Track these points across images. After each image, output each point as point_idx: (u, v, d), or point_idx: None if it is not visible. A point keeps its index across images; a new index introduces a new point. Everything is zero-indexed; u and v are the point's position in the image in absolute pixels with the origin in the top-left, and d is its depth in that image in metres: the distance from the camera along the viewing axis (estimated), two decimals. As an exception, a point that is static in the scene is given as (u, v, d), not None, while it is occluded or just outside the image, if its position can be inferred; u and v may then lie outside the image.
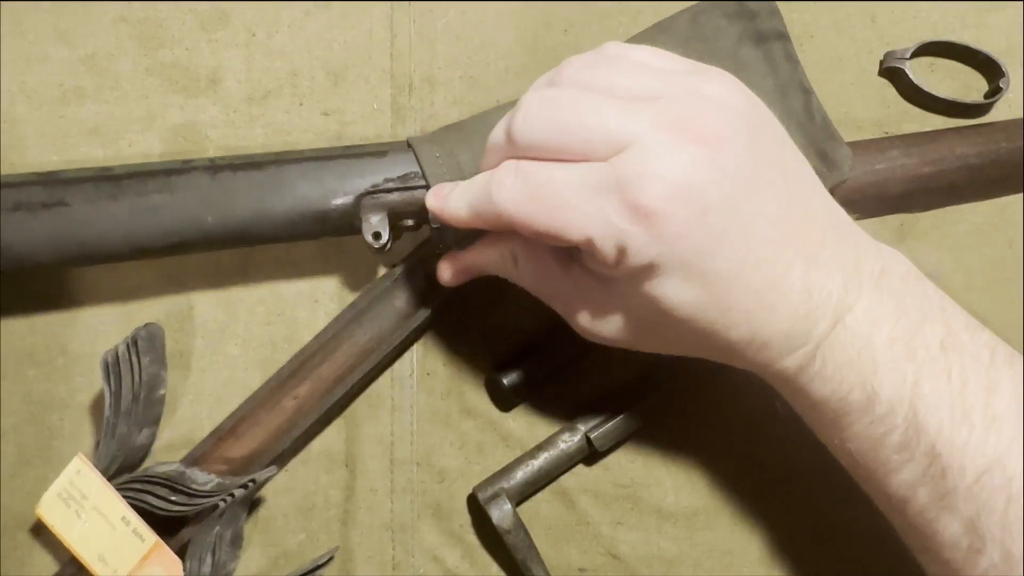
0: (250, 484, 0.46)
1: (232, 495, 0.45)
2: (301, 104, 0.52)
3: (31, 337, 0.51)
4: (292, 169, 0.45)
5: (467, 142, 0.46)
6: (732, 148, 0.34)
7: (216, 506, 0.45)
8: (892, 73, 0.53)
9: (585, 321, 0.41)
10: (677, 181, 0.33)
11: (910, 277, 0.38)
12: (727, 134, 0.34)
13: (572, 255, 0.39)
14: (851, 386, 0.37)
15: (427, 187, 0.45)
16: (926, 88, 0.52)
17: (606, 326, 0.40)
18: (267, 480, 0.47)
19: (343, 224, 0.46)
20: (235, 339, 0.51)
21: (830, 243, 0.37)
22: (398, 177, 0.45)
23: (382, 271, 0.51)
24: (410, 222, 0.47)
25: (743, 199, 0.35)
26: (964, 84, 0.54)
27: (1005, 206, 0.52)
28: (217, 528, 0.46)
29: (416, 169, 0.46)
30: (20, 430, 0.50)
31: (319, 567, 0.48)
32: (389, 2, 0.53)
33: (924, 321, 0.37)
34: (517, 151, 0.37)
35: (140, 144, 0.52)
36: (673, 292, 0.36)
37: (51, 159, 0.51)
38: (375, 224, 0.45)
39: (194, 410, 0.50)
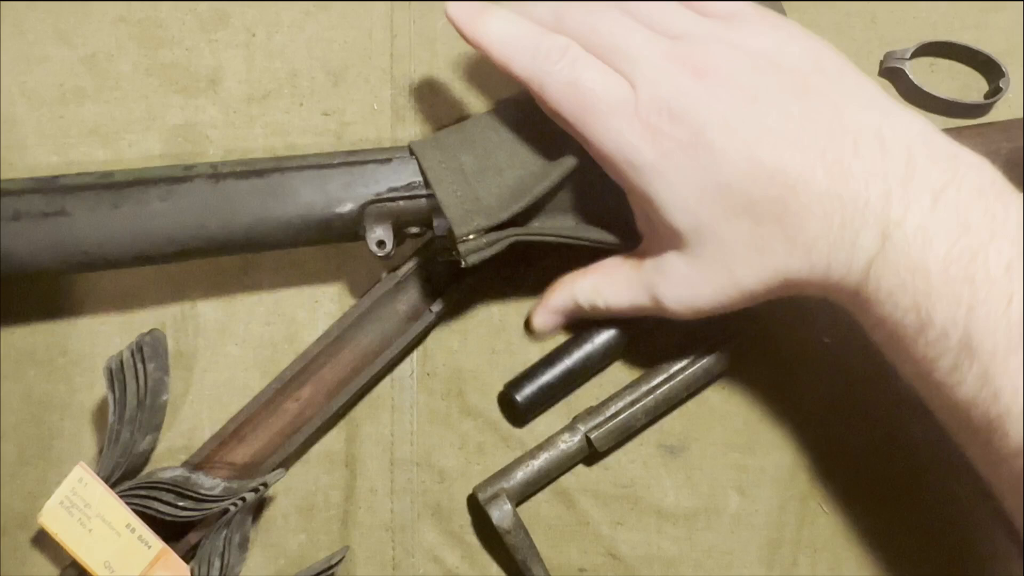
0: (261, 488, 0.46)
1: (244, 499, 0.45)
2: (301, 104, 0.52)
3: (31, 337, 0.51)
4: (295, 176, 0.45)
5: (469, 145, 0.45)
6: (727, 78, 0.40)
7: (227, 510, 0.45)
8: (892, 73, 0.53)
9: (674, 298, 0.43)
10: (672, 104, 0.40)
11: (988, 190, 0.38)
12: (724, 68, 0.40)
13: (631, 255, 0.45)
14: (905, 310, 0.37)
15: (430, 195, 0.45)
16: (926, 88, 0.52)
17: (688, 290, 0.43)
18: (275, 482, 0.47)
19: (347, 232, 0.46)
20: (235, 339, 0.51)
21: (868, 155, 0.38)
22: (403, 186, 0.45)
23: (383, 273, 0.51)
24: (415, 230, 0.47)
25: (740, 119, 0.39)
26: (964, 84, 0.54)
27: (1005, 206, 0.52)
28: (226, 532, 0.46)
29: (419, 179, 0.45)
30: (20, 430, 0.50)
31: (331, 567, 0.48)
32: (389, 2, 0.53)
33: (992, 240, 0.36)
34: (554, 27, 0.43)
35: (140, 144, 0.52)
36: (697, 204, 0.40)
37: (51, 159, 0.51)
38: (379, 233, 0.45)
39: (194, 411, 0.50)
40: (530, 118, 0.45)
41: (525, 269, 0.51)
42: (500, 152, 0.45)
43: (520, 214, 0.44)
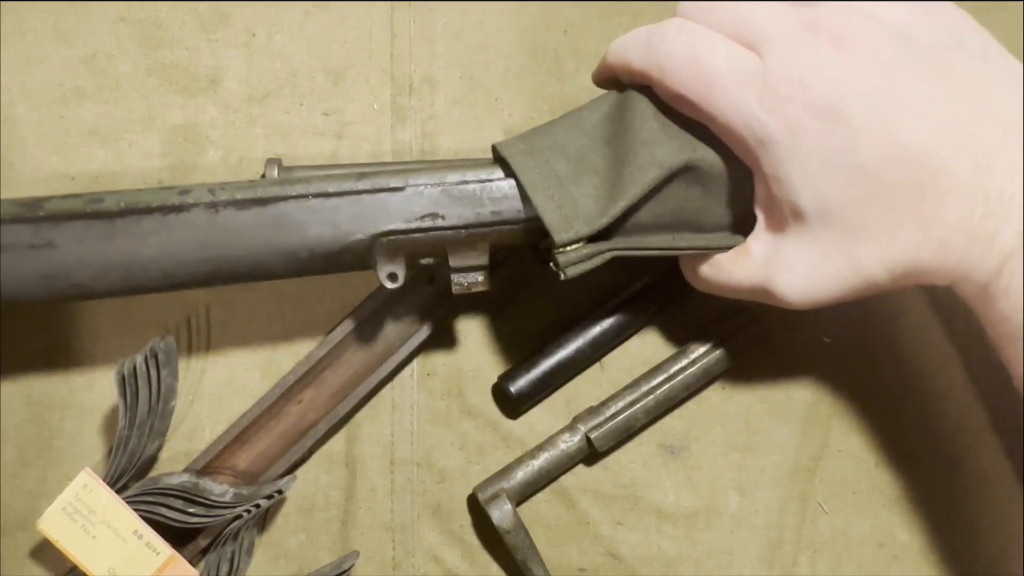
0: (276, 494, 0.46)
1: (258, 505, 0.45)
2: (301, 104, 0.52)
3: (31, 337, 0.50)
4: (301, 206, 0.42)
5: (559, 147, 0.42)
6: (866, 50, 0.37)
7: (239, 516, 0.45)
8: None
9: (792, 289, 0.41)
10: (806, 75, 0.37)
11: None
12: (863, 39, 0.37)
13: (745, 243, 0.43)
14: None
15: (453, 228, 0.42)
16: None
17: (807, 279, 0.41)
18: (288, 489, 0.47)
19: (356, 263, 0.43)
20: (235, 339, 0.51)
21: (1015, 145, 0.36)
22: (417, 219, 0.42)
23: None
24: (428, 261, 0.44)
25: (881, 96, 0.37)
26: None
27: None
28: (237, 538, 0.46)
29: (436, 211, 0.42)
30: (20, 430, 0.50)
31: (344, 572, 0.48)
32: (389, 2, 0.53)
33: None
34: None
35: (140, 144, 0.52)
36: (827, 186, 0.38)
37: (51, 159, 0.51)
38: (391, 266, 0.43)
39: (194, 411, 0.50)
40: (621, 118, 0.42)
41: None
42: (593, 154, 0.42)
43: (619, 219, 0.42)
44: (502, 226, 0.43)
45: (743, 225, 0.44)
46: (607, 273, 0.51)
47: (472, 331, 0.51)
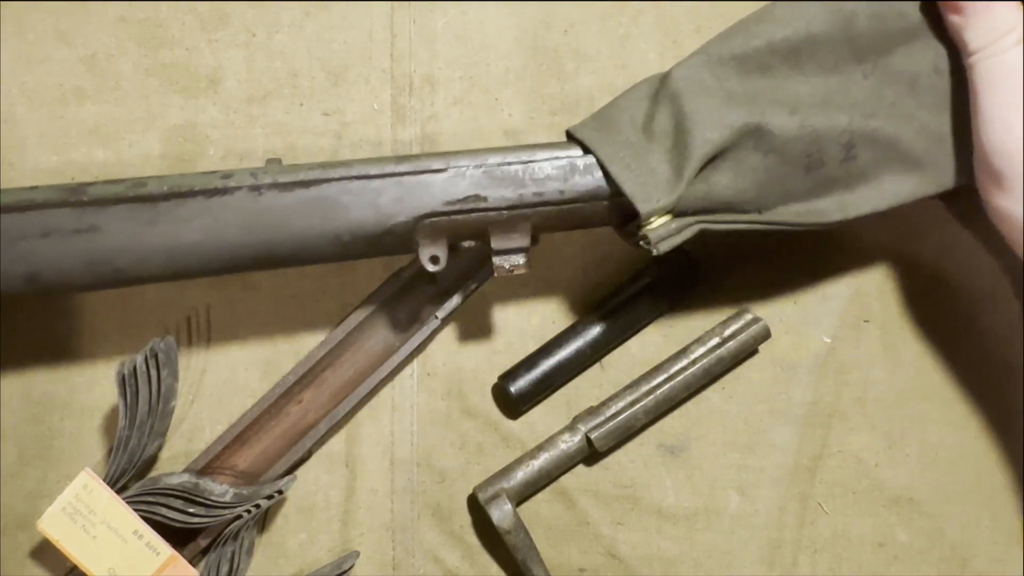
0: (276, 494, 0.46)
1: (258, 506, 0.45)
2: (301, 104, 0.52)
3: (31, 337, 0.50)
4: (343, 188, 0.41)
5: (625, 120, 0.42)
6: None
7: (240, 516, 0.45)
8: None
9: None
10: None
11: None
12: None
13: None
14: None
15: (495, 209, 0.42)
16: None
17: None
18: (289, 489, 0.47)
19: (398, 247, 0.43)
20: (235, 339, 0.51)
21: None
22: (459, 200, 0.42)
23: (385, 274, 0.51)
24: (470, 243, 0.44)
25: None
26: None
27: (1005, 206, 0.52)
28: (237, 538, 0.46)
29: (478, 192, 0.42)
30: (20, 430, 0.50)
31: (344, 572, 0.48)
32: (389, 2, 0.53)
33: None
34: None
35: (140, 144, 0.52)
36: None
37: (51, 159, 0.51)
38: (433, 249, 0.42)
39: (194, 410, 0.50)
40: (678, 94, 0.42)
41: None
42: (659, 119, 0.42)
43: (700, 195, 0.41)
44: (545, 207, 0.43)
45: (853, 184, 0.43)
46: (607, 273, 0.52)
47: (472, 331, 0.51)
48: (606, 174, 0.42)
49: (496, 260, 0.43)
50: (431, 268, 0.43)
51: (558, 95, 0.53)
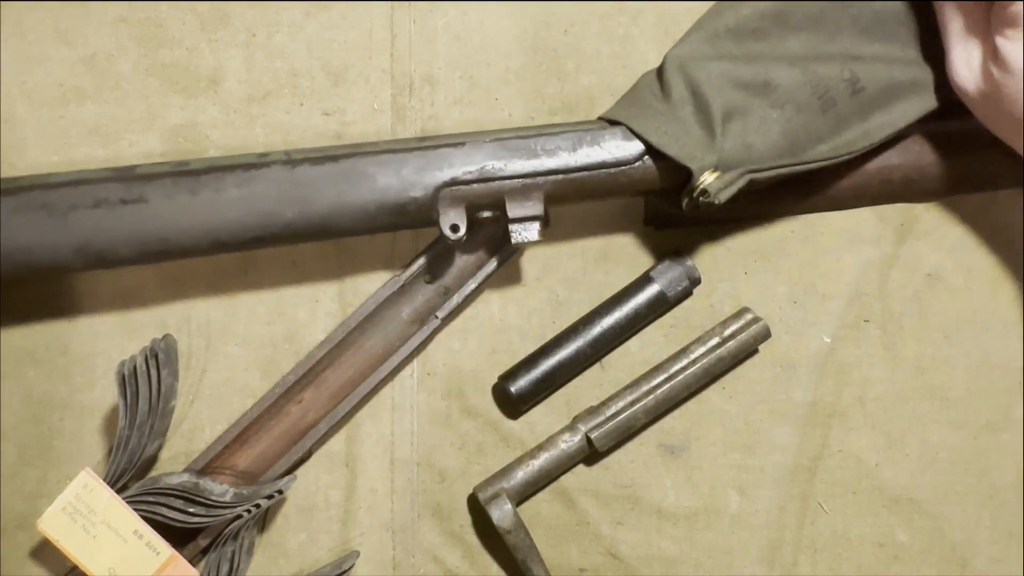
0: (276, 494, 0.46)
1: (258, 505, 0.45)
2: (301, 104, 0.52)
3: (31, 337, 0.50)
4: (370, 161, 0.45)
5: (647, 94, 0.46)
6: None
7: (240, 516, 0.45)
8: None
9: None
10: None
11: None
12: None
13: None
14: None
15: (510, 177, 0.45)
16: None
17: None
18: (289, 489, 0.47)
19: (421, 216, 0.46)
20: (235, 339, 0.51)
21: None
22: (476, 169, 0.45)
23: (384, 273, 0.51)
24: (487, 213, 0.47)
25: None
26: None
27: (1005, 207, 0.52)
28: (238, 538, 0.46)
29: (493, 162, 0.45)
30: (20, 430, 0.50)
31: (344, 572, 0.48)
32: (389, 2, 0.53)
33: None
34: None
35: (140, 144, 0.52)
36: None
37: (51, 159, 0.51)
38: (453, 216, 0.45)
39: (194, 410, 0.50)
40: (685, 65, 0.46)
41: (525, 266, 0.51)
42: (676, 85, 0.46)
43: (737, 151, 0.45)
44: (556, 175, 0.46)
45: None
46: (607, 273, 0.52)
47: (472, 331, 0.51)
48: (649, 147, 0.45)
49: (512, 228, 0.46)
50: (452, 236, 0.46)
51: (558, 95, 0.53)
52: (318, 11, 0.53)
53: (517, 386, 0.49)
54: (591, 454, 0.49)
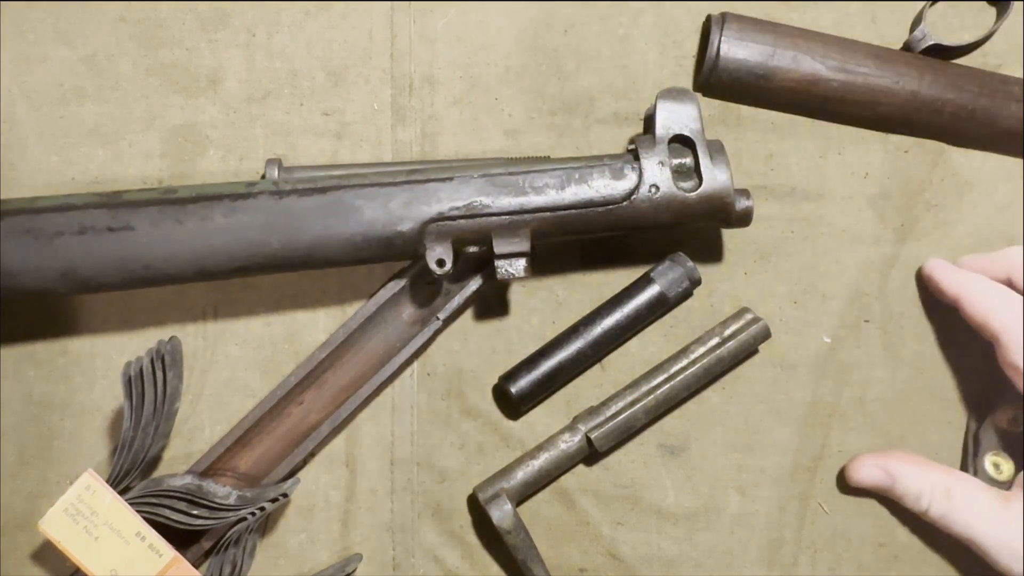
0: (281, 498, 0.46)
1: (263, 508, 0.45)
2: (301, 104, 0.52)
3: (31, 337, 0.50)
4: (357, 194, 0.45)
5: None
6: None
7: (244, 519, 0.45)
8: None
9: (1019, 565, 0.42)
10: None
11: None
12: None
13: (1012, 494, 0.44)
14: None
15: (497, 214, 0.45)
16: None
17: None
18: (293, 492, 0.47)
19: (407, 249, 0.46)
20: (235, 339, 0.51)
21: None
22: (463, 205, 0.45)
23: (385, 274, 0.51)
24: (474, 249, 0.47)
25: None
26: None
27: (1004, 207, 0.52)
28: (242, 541, 0.46)
29: (480, 198, 0.45)
30: (20, 430, 0.50)
31: (346, 575, 0.48)
32: (389, 2, 0.53)
33: None
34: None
35: (140, 144, 0.52)
36: None
37: (51, 159, 0.51)
38: (439, 252, 0.45)
39: (194, 410, 0.50)
40: None
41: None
42: None
43: None
44: (543, 213, 0.46)
45: None
46: (607, 273, 0.52)
47: (472, 331, 0.51)
48: (564, 187, 0.46)
49: (498, 264, 0.46)
50: (437, 271, 0.45)
51: (558, 95, 0.53)
52: (318, 11, 0.53)
53: (517, 387, 0.49)
54: (591, 454, 0.49)
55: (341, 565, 0.48)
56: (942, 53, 0.52)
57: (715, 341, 0.50)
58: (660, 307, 0.50)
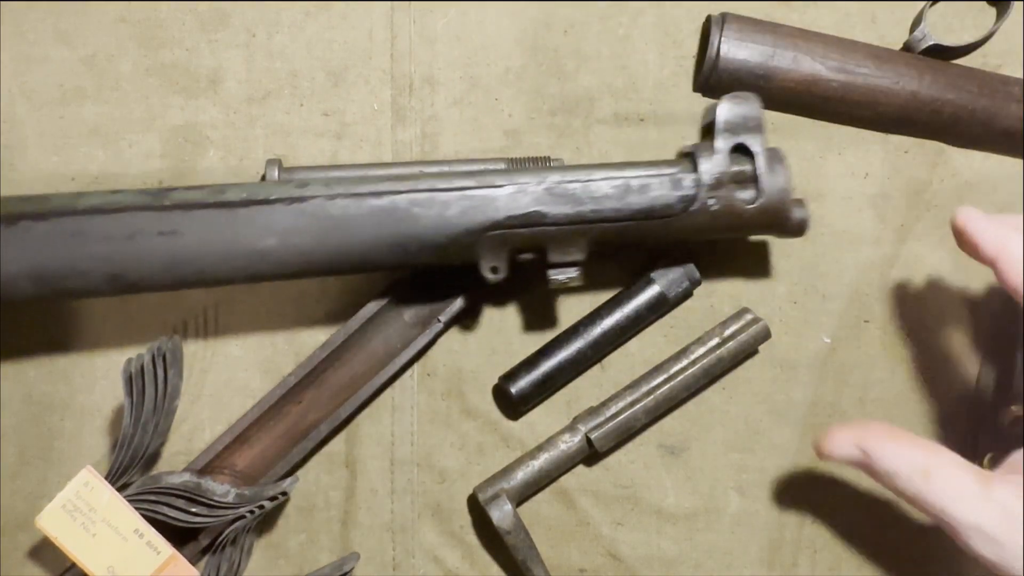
0: (280, 496, 0.46)
1: (262, 506, 0.45)
2: (301, 105, 0.52)
3: (31, 338, 0.50)
4: (412, 201, 0.44)
5: None
6: None
7: (242, 516, 0.45)
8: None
9: (996, 551, 0.39)
10: None
11: None
12: None
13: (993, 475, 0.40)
14: None
15: (555, 224, 0.45)
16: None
17: None
18: (292, 490, 0.47)
19: (461, 256, 0.45)
20: (235, 339, 0.51)
21: None
22: (522, 215, 0.44)
23: (387, 274, 0.51)
24: (528, 256, 0.46)
25: None
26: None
27: (1004, 207, 0.52)
28: (240, 539, 0.46)
29: (539, 208, 0.44)
30: (21, 431, 0.50)
31: (344, 574, 0.48)
32: (389, 2, 0.53)
33: None
34: None
35: (140, 144, 0.52)
36: None
37: (51, 159, 0.51)
38: (493, 259, 0.45)
39: (194, 410, 0.50)
40: None
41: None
42: None
43: None
44: (601, 224, 0.45)
45: None
46: (607, 273, 0.52)
47: (472, 331, 0.51)
48: (623, 197, 0.45)
49: (551, 273, 0.46)
50: (491, 278, 0.45)
51: (558, 95, 0.53)
52: (318, 11, 0.53)
53: (517, 387, 0.49)
54: (591, 454, 0.49)
55: (338, 564, 0.48)
56: (942, 53, 0.52)
57: (715, 341, 0.50)
58: (660, 307, 0.50)
